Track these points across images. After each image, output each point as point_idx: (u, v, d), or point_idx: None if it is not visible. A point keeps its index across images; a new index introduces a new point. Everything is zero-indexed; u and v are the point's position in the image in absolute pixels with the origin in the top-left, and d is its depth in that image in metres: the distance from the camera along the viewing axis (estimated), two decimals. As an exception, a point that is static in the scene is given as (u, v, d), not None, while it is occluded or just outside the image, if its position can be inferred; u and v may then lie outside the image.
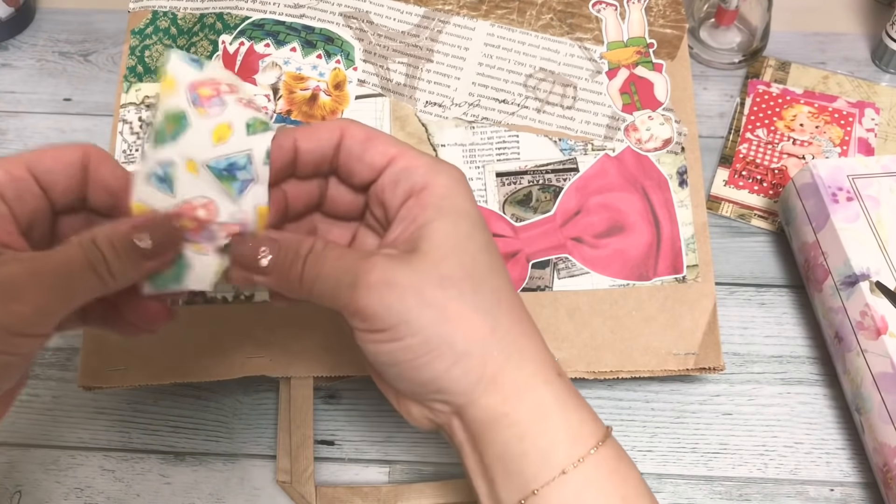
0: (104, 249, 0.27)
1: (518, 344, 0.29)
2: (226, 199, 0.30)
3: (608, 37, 0.51)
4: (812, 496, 0.44)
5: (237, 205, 0.30)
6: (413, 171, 0.30)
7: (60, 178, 0.30)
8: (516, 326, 0.30)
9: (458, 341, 0.28)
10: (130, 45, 0.52)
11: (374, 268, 0.28)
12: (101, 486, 0.45)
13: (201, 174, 0.30)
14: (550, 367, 0.30)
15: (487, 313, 0.29)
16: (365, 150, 0.31)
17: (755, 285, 0.51)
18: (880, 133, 0.56)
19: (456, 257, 0.29)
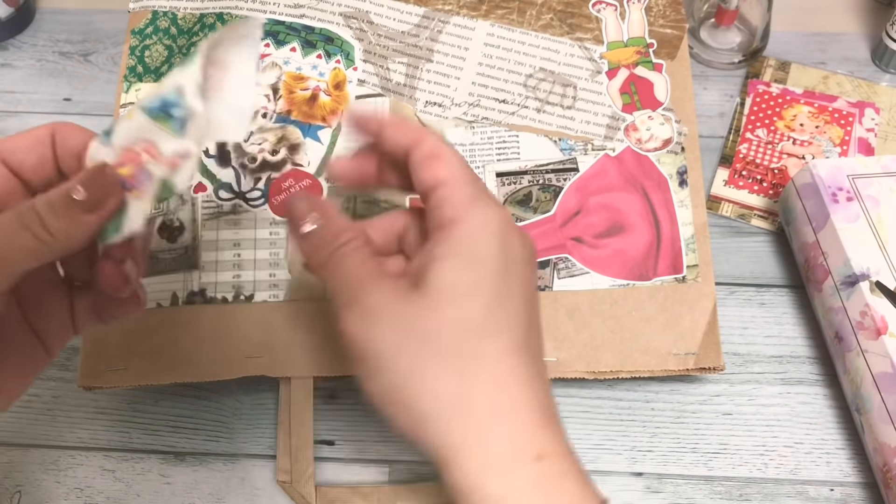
0: (40, 209, 0.27)
1: (488, 422, 0.27)
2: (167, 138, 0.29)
3: (608, 37, 0.51)
4: (812, 496, 0.44)
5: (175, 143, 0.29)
6: (451, 202, 0.29)
7: (27, 155, 0.29)
8: (494, 398, 0.27)
9: (425, 402, 0.27)
10: (130, 45, 0.52)
11: (374, 293, 0.27)
12: (101, 486, 0.45)
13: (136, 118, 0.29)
14: (528, 451, 0.27)
15: (461, 379, 0.27)
16: (424, 167, 0.30)
17: (755, 285, 0.51)
18: (880, 133, 0.56)
19: (450, 311, 0.27)
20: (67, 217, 0.27)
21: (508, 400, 0.27)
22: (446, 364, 0.27)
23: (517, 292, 0.29)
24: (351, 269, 0.29)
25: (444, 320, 0.27)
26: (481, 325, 0.27)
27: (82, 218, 0.27)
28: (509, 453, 0.27)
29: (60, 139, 0.30)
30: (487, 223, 0.29)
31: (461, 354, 0.27)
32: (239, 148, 0.47)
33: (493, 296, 0.28)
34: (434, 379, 0.27)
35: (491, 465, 0.26)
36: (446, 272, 0.28)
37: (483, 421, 0.27)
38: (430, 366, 0.27)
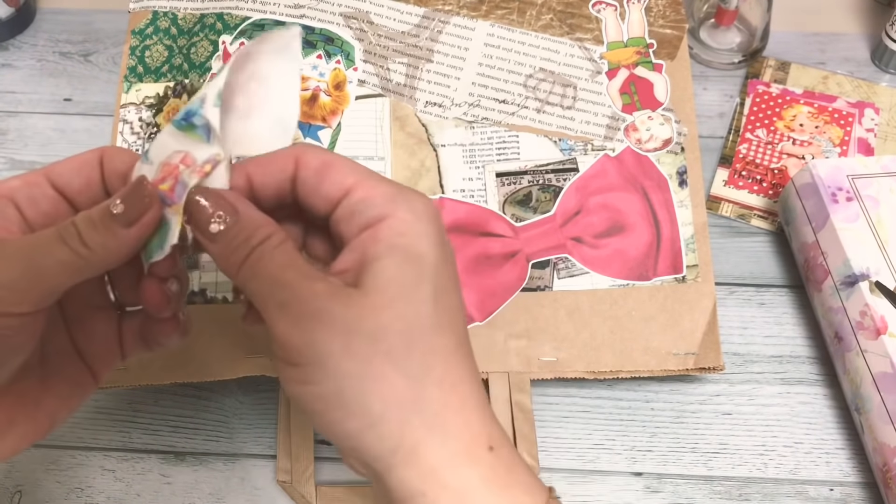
0: (78, 223, 0.27)
1: (443, 416, 0.26)
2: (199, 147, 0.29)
3: (608, 37, 0.51)
4: (812, 496, 0.44)
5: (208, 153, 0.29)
6: (371, 202, 0.27)
7: (74, 178, 0.29)
8: (447, 396, 0.26)
9: (375, 403, 0.25)
10: (131, 45, 0.52)
11: (310, 296, 0.26)
12: (102, 486, 0.45)
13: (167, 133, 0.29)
14: (481, 442, 0.27)
15: (414, 379, 0.26)
16: (320, 181, 0.28)
17: (755, 285, 0.51)
18: (880, 133, 0.57)
19: (397, 307, 0.26)
20: (106, 230, 0.27)
21: (460, 396, 0.27)
22: (397, 364, 0.26)
23: (454, 284, 0.28)
24: (276, 271, 0.26)
25: (392, 319, 0.26)
26: (429, 322, 0.26)
27: (120, 232, 0.27)
28: (465, 447, 0.26)
29: (108, 161, 0.30)
30: (418, 217, 0.27)
31: (412, 353, 0.26)
32: (239, 148, 0.47)
33: (435, 291, 0.27)
34: (384, 379, 0.26)
35: (448, 459, 0.26)
36: (386, 270, 0.26)
37: (437, 418, 0.26)
38: (380, 366, 0.26)
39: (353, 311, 0.26)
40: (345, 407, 0.26)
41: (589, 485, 0.44)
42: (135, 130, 0.50)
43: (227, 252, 0.27)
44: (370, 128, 0.49)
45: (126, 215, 0.27)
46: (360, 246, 0.27)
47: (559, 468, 0.45)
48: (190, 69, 0.50)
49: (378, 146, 0.48)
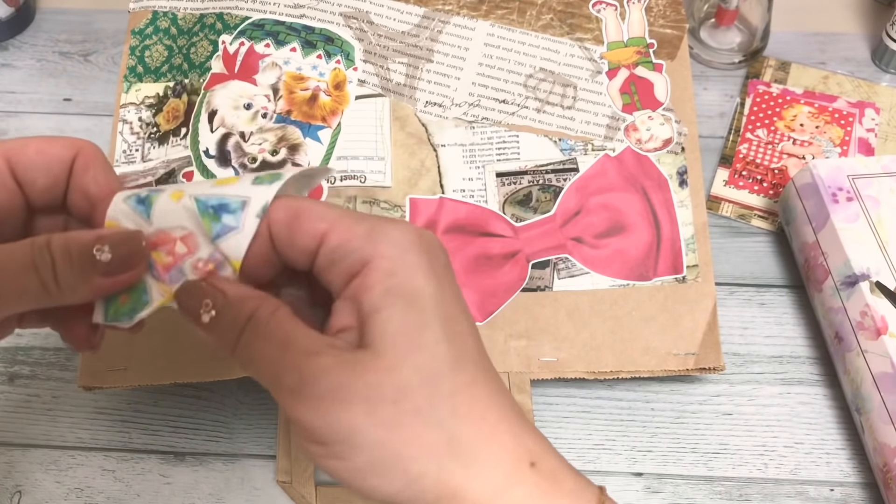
0: (56, 254, 0.25)
1: (477, 450, 0.25)
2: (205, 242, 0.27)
3: (608, 37, 0.51)
4: (812, 496, 0.44)
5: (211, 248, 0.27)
6: (348, 247, 0.26)
7: (41, 175, 0.27)
8: (478, 428, 0.26)
9: (410, 463, 0.25)
10: (130, 45, 0.52)
11: (321, 375, 0.24)
12: (101, 486, 0.45)
13: (183, 204, 0.27)
14: (521, 462, 0.26)
15: (442, 426, 0.25)
16: (292, 234, 0.26)
17: (755, 285, 0.51)
18: (880, 133, 0.56)
19: (412, 360, 0.25)
20: (82, 274, 0.25)
21: (489, 424, 0.26)
22: (424, 418, 0.25)
23: (456, 306, 0.27)
24: (274, 353, 0.25)
25: (410, 375, 0.25)
26: (446, 364, 0.25)
27: (97, 280, 0.25)
28: (504, 472, 0.26)
29: (79, 170, 0.27)
30: (402, 250, 0.26)
31: (435, 402, 0.25)
32: (239, 148, 0.47)
33: (443, 327, 0.26)
34: (415, 438, 0.25)
35: (491, 491, 0.26)
36: (390, 322, 0.25)
37: (472, 455, 0.26)
38: (409, 427, 0.25)
39: (370, 378, 0.24)
40: (381, 474, 0.25)
41: (589, 485, 0.44)
42: (134, 130, 0.50)
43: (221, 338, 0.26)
44: (370, 128, 0.49)
45: (110, 266, 0.25)
46: (352, 297, 0.26)
47: (559, 468, 0.45)
48: (190, 69, 0.50)
49: (378, 146, 0.48)
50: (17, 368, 0.49)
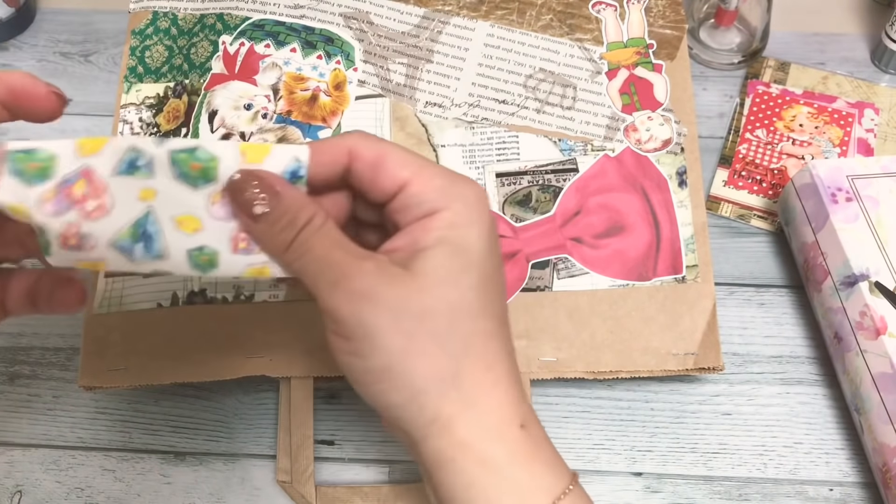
0: None
1: (478, 393, 0.28)
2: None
3: (608, 37, 0.51)
4: (811, 496, 0.44)
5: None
6: (425, 196, 0.29)
7: None
8: (482, 375, 0.29)
9: (418, 378, 0.28)
10: (131, 45, 0.52)
11: (360, 274, 0.27)
12: (102, 486, 0.45)
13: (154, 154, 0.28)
14: (512, 420, 0.29)
15: (454, 357, 0.28)
16: (375, 175, 0.29)
17: (755, 285, 0.51)
18: (880, 133, 0.57)
19: (442, 291, 0.28)
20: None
21: (494, 376, 0.29)
22: (440, 342, 0.28)
23: (499, 271, 0.30)
24: (325, 251, 0.28)
25: (437, 300, 0.28)
26: (472, 307, 0.28)
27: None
28: (497, 422, 0.29)
29: None
30: (469, 209, 0.29)
31: (454, 333, 0.28)
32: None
33: (479, 279, 0.29)
34: (427, 356, 0.28)
35: (481, 432, 0.28)
36: (434, 258, 0.28)
37: (473, 394, 0.28)
38: (424, 343, 0.27)
39: (401, 290, 0.27)
40: (390, 380, 0.28)
41: (589, 485, 0.44)
42: (135, 131, 0.50)
43: (272, 234, 0.28)
44: (370, 128, 0.49)
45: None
46: (412, 232, 0.29)
47: (559, 468, 0.45)
48: (190, 69, 0.50)
49: (378, 146, 0.48)
50: (17, 368, 0.49)
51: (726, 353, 0.48)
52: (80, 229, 0.28)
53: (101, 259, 0.28)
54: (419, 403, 0.28)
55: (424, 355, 0.28)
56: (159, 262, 0.28)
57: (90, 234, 0.28)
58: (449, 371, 0.28)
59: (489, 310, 0.29)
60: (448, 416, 0.28)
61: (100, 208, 0.28)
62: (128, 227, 0.28)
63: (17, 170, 0.27)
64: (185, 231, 0.28)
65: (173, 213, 0.28)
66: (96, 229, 0.28)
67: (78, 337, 0.46)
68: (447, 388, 0.28)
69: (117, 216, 0.28)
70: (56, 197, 0.27)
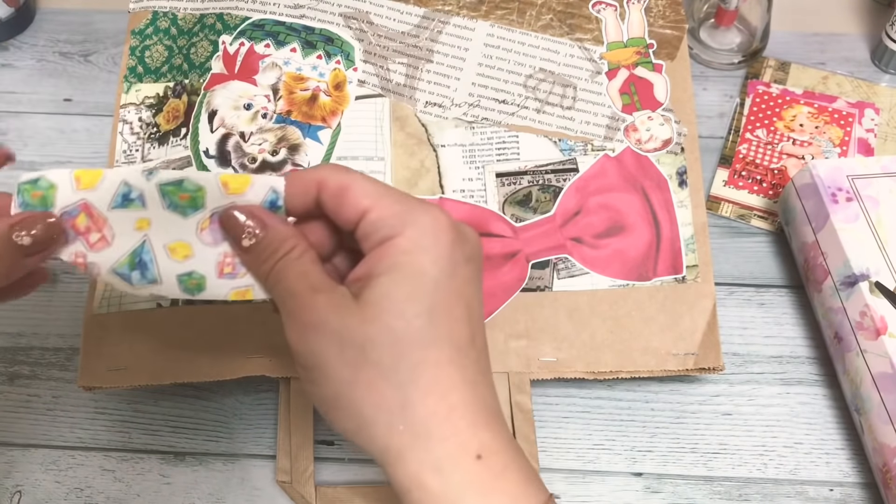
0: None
1: (429, 424, 0.28)
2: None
3: (608, 37, 0.51)
4: (812, 496, 0.44)
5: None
6: (383, 223, 0.29)
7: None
8: (435, 405, 0.28)
9: (365, 407, 0.28)
10: (131, 45, 0.52)
11: (312, 306, 0.28)
12: (101, 486, 0.45)
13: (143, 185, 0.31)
14: (467, 450, 0.28)
15: (400, 388, 0.28)
16: (339, 204, 0.30)
17: (755, 285, 0.51)
18: (880, 133, 0.57)
19: (386, 320, 0.28)
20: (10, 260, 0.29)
21: (448, 405, 0.28)
22: (384, 373, 0.28)
23: (460, 296, 0.29)
24: (290, 281, 0.29)
25: (381, 331, 0.28)
26: (419, 336, 0.28)
27: (24, 261, 0.29)
28: (449, 454, 0.28)
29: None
30: (424, 234, 0.29)
31: (400, 363, 0.28)
32: (239, 148, 0.47)
33: (431, 306, 0.28)
34: (373, 387, 0.28)
35: (431, 465, 0.28)
36: (383, 286, 0.28)
37: (422, 425, 0.28)
38: (369, 375, 0.28)
39: (349, 322, 0.28)
40: (341, 409, 0.28)
41: (589, 485, 0.44)
42: (135, 130, 0.50)
43: (257, 263, 0.30)
44: (370, 128, 0.49)
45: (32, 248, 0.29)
46: (369, 261, 0.29)
47: (559, 468, 0.45)
48: (190, 69, 0.50)
49: (378, 146, 0.48)
50: (16, 368, 0.49)
51: (726, 353, 0.48)
52: (86, 259, 0.31)
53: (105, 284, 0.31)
54: (369, 434, 0.28)
55: (370, 386, 0.28)
56: (154, 286, 0.31)
57: (95, 263, 0.31)
58: (395, 402, 0.28)
59: (444, 338, 0.28)
60: (398, 449, 0.28)
61: (102, 240, 0.31)
62: (126, 256, 0.31)
63: (25, 201, 0.30)
64: (177, 258, 0.31)
65: (166, 241, 0.31)
66: (99, 259, 0.31)
67: (78, 337, 0.46)
68: (395, 419, 0.28)
69: (117, 246, 0.31)
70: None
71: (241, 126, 0.48)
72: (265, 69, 0.49)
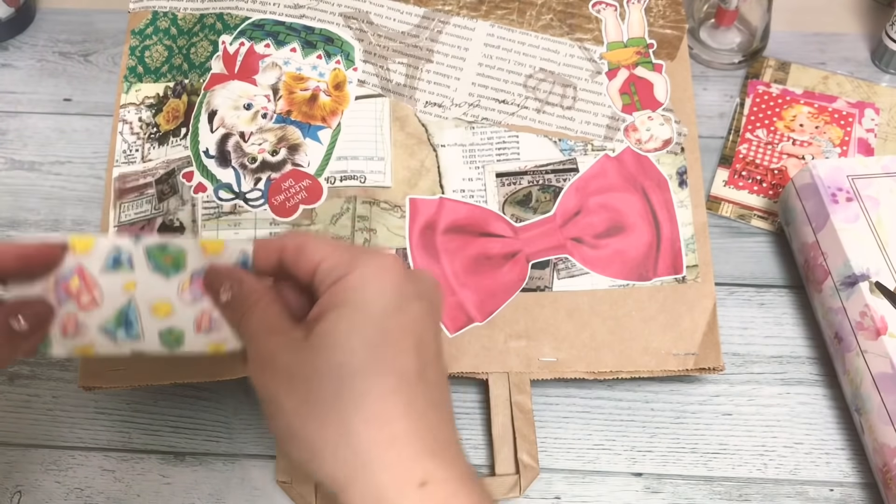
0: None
1: (372, 454, 0.28)
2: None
3: (608, 37, 0.51)
4: (812, 496, 0.44)
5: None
6: (333, 269, 0.31)
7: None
8: (377, 434, 0.29)
9: (312, 438, 0.29)
10: (130, 45, 0.52)
11: (265, 346, 0.30)
12: (101, 487, 0.45)
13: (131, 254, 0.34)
14: (410, 479, 0.29)
15: (342, 417, 0.29)
16: (297, 260, 0.32)
17: (755, 286, 0.51)
18: (880, 133, 0.57)
19: (330, 352, 0.29)
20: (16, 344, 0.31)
21: (390, 434, 0.29)
22: (330, 404, 0.29)
23: (408, 330, 0.30)
24: (253, 326, 0.32)
25: (326, 364, 0.29)
26: (362, 367, 0.29)
27: (26, 345, 0.32)
28: (392, 482, 0.28)
29: None
30: (371, 271, 0.31)
31: (342, 394, 0.29)
32: (239, 148, 0.47)
33: (375, 337, 0.29)
34: (320, 418, 0.29)
35: (374, 494, 0.28)
36: (329, 322, 0.30)
37: (366, 454, 0.28)
38: (316, 407, 0.29)
39: (297, 357, 0.29)
40: (294, 440, 0.30)
41: (589, 485, 0.44)
42: (134, 130, 0.50)
43: (233, 314, 0.33)
44: (370, 128, 0.49)
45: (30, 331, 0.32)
46: (322, 301, 0.31)
47: (559, 468, 0.45)
48: (190, 69, 0.50)
49: (378, 146, 0.48)
50: (17, 368, 0.49)
51: (726, 353, 0.48)
52: (77, 319, 0.33)
53: (91, 343, 0.34)
54: (319, 464, 0.29)
55: (317, 417, 0.29)
56: (136, 342, 0.34)
57: (84, 323, 0.33)
58: (340, 431, 0.28)
59: (388, 367, 0.29)
60: (344, 478, 0.29)
61: (92, 301, 0.33)
62: (113, 315, 0.33)
63: None
64: (158, 316, 0.34)
65: (150, 300, 0.34)
66: (89, 319, 0.33)
67: (78, 337, 0.46)
68: (340, 449, 0.28)
69: (106, 307, 0.33)
70: (55, 290, 0.33)
71: (241, 126, 0.48)
72: (265, 69, 0.49)
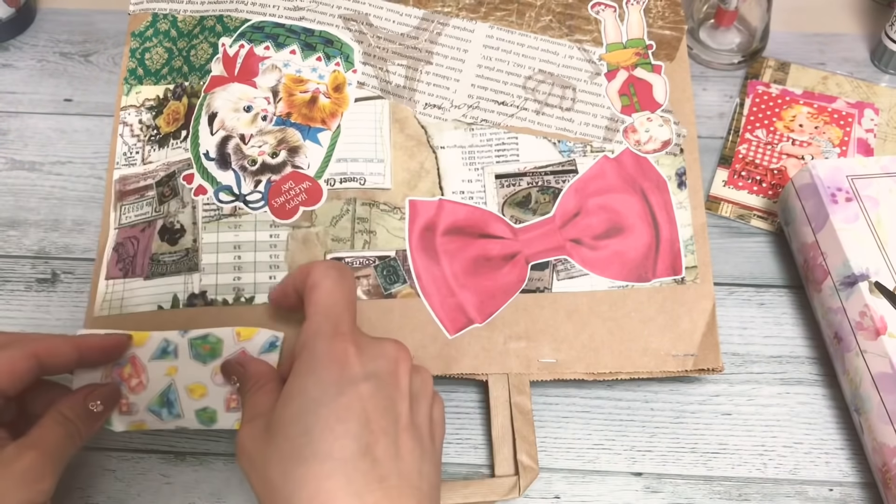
0: (75, 421, 0.36)
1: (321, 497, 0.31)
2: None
3: (607, 38, 0.51)
4: (811, 496, 0.44)
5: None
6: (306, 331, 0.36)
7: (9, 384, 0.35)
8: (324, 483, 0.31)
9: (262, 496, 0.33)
10: (131, 47, 0.52)
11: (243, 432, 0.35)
12: (102, 486, 0.45)
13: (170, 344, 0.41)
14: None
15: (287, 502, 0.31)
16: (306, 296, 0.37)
17: (754, 286, 0.51)
18: (879, 133, 0.57)
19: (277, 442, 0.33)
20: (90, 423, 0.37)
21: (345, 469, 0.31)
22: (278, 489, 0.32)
23: (350, 411, 0.33)
24: (245, 412, 0.37)
25: (274, 452, 0.33)
26: (300, 453, 0.32)
27: (100, 422, 0.38)
28: None
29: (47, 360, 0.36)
30: (312, 358, 0.34)
31: (286, 479, 0.32)
32: (239, 150, 0.47)
33: (312, 425, 0.32)
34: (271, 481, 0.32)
35: None
36: (278, 410, 0.34)
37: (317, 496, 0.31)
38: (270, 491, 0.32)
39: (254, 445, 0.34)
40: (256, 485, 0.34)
41: (589, 485, 0.45)
42: (135, 133, 0.50)
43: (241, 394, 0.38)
44: (370, 130, 0.49)
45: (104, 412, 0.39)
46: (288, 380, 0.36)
47: (559, 468, 0.45)
48: (190, 71, 0.50)
49: (377, 148, 0.48)
50: (18, 370, 0.49)
51: (726, 353, 0.48)
52: (129, 399, 0.40)
53: (143, 421, 0.40)
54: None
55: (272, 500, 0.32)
56: (178, 420, 0.39)
57: (135, 403, 0.40)
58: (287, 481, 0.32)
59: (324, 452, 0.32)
60: None
61: (140, 384, 0.40)
62: (157, 396, 0.39)
63: None
64: (194, 397, 0.39)
65: (187, 384, 0.40)
66: (138, 399, 0.40)
67: (78, 338, 0.46)
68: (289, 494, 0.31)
69: (150, 389, 0.40)
70: (111, 375, 0.40)
71: (241, 128, 0.48)
72: (265, 71, 0.49)
